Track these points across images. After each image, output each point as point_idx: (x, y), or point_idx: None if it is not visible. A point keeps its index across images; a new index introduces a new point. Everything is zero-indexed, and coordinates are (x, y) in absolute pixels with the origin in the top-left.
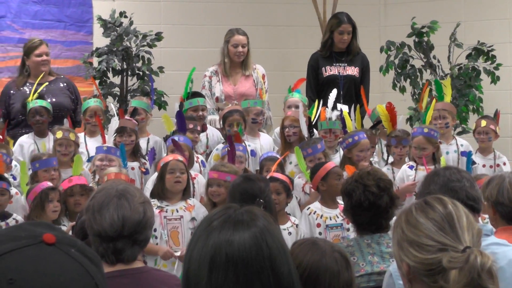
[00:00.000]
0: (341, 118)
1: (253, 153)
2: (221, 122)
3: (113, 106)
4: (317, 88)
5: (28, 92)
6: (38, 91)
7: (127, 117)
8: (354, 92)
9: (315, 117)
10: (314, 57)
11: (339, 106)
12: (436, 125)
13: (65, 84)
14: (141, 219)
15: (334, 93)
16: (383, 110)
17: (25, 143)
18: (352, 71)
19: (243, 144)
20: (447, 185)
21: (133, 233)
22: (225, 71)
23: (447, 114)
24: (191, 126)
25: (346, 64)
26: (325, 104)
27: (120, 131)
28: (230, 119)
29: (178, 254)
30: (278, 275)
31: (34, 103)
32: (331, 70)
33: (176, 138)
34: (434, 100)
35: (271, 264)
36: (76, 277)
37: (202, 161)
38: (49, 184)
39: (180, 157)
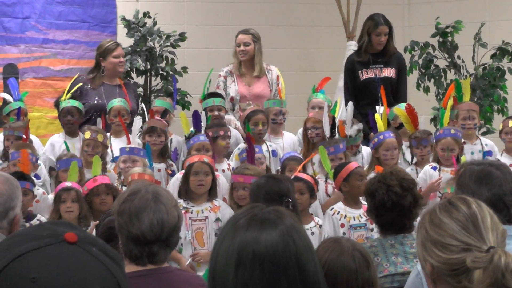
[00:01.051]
0: (371, 120)
1: (274, 153)
2: (243, 122)
3: (143, 106)
4: (355, 91)
5: (102, 91)
6: (72, 91)
7: (157, 117)
8: (391, 93)
9: (338, 115)
10: (350, 60)
11: (377, 108)
12: (464, 125)
13: (134, 89)
14: (176, 222)
15: (350, 106)
16: (402, 113)
17: (57, 143)
18: (389, 72)
19: (265, 144)
20: (501, 198)
21: (169, 236)
22: (237, 71)
23: (476, 115)
24: (221, 133)
25: (382, 66)
26: (359, 107)
27: (149, 131)
28: (256, 117)
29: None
30: (304, 272)
31: (66, 103)
32: (367, 73)
33: (202, 137)
34: (450, 102)
35: (298, 261)
36: (97, 275)
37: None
38: (67, 184)
39: (206, 158)
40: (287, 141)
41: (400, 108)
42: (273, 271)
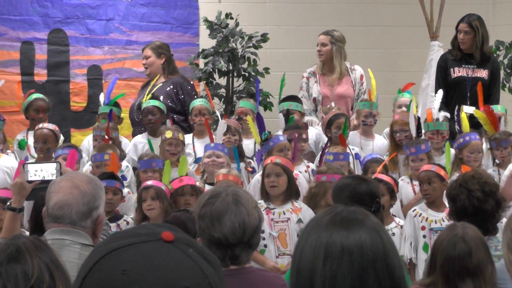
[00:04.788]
0: (457, 119)
1: (357, 156)
2: (325, 126)
3: (217, 112)
4: (445, 89)
5: (144, 93)
6: (152, 91)
7: (233, 119)
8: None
9: (417, 114)
10: (443, 58)
11: (465, 108)
12: None
13: (171, 87)
14: (257, 223)
15: (440, 93)
16: (481, 115)
17: (139, 143)
18: (481, 73)
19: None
20: None
21: (251, 238)
22: (320, 71)
23: None
24: (296, 135)
25: (475, 66)
26: (448, 106)
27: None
28: (338, 121)
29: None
30: (391, 267)
31: (147, 103)
32: (459, 72)
33: (281, 137)
34: None
35: (385, 255)
36: (188, 274)
37: None
38: (147, 183)
39: (278, 159)
40: (378, 144)
41: (478, 111)
42: (361, 263)
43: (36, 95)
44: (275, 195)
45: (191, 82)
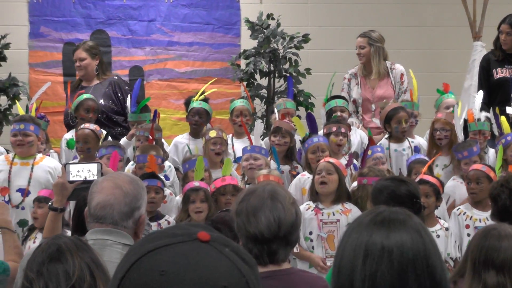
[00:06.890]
0: (496, 121)
1: (416, 149)
2: (383, 121)
3: (275, 110)
4: (488, 89)
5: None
6: (206, 94)
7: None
8: None
9: (460, 117)
10: (486, 58)
11: (508, 108)
12: None
13: (110, 87)
14: (294, 219)
15: (480, 94)
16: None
17: (180, 144)
18: None
19: (407, 141)
20: None
21: (287, 234)
22: (361, 73)
23: None
24: (334, 129)
25: None
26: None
27: (274, 131)
28: (398, 116)
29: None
30: (432, 267)
31: (197, 103)
32: (502, 73)
33: (315, 139)
34: None
35: (426, 255)
36: (226, 274)
37: None
38: (195, 184)
39: (332, 160)
40: (415, 146)
41: (503, 118)
42: (401, 263)
43: (86, 95)
44: (324, 193)
45: (127, 82)
